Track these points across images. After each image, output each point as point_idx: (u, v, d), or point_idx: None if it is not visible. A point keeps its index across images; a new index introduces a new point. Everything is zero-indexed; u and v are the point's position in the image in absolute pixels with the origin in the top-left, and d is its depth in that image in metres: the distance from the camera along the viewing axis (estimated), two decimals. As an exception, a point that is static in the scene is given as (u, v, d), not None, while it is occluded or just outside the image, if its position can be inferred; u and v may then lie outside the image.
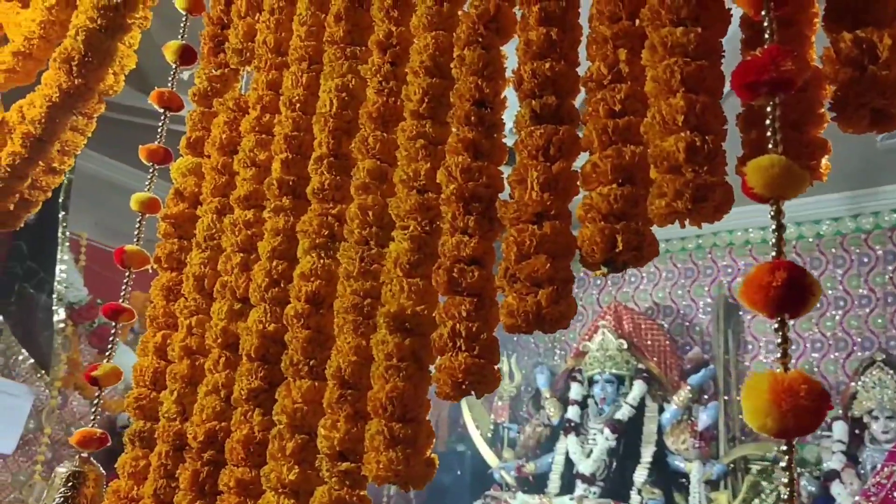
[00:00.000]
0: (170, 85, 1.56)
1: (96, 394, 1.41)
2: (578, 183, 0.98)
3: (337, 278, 1.18)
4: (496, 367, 0.98)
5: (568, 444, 6.15)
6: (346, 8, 1.30)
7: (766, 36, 0.79)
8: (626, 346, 6.00)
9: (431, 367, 1.06)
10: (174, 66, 1.57)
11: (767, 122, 0.76)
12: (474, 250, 1.01)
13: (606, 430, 6.01)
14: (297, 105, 1.31)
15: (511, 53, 1.14)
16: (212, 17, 1.57)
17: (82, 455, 1.36)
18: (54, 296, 4.93)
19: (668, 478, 5.64)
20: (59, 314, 5.01)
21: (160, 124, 1.55)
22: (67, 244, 5.17)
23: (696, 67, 0.86)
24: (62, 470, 1.33)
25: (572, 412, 6.32)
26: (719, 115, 0.86)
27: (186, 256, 1.41)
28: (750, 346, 5.87)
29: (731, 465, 5.46)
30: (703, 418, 5.62)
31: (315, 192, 1.23)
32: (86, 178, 5.06)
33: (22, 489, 6.36)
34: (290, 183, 1.27)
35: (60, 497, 1.30)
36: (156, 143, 1.52)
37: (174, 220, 1.43)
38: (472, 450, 6.14)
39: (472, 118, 1.06)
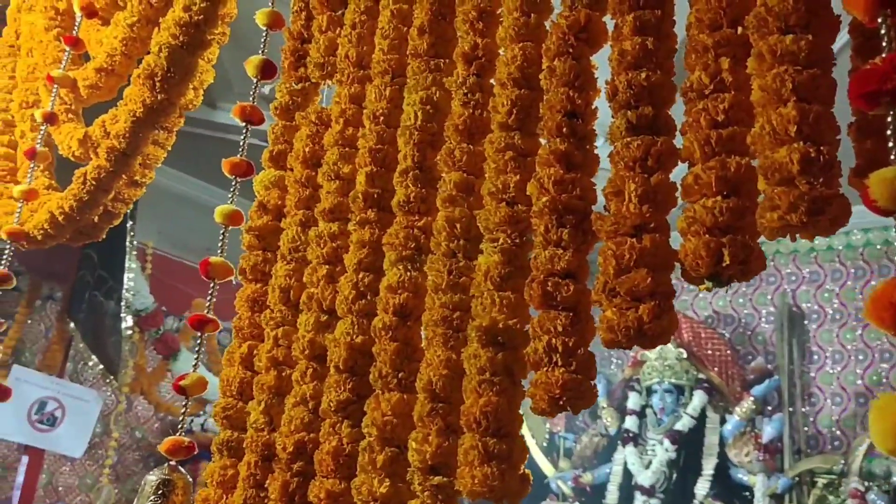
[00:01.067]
0: (251, 99, 1.58)
1: (184, 403, 1.43)
2: (676, 194, 0.96)
3: (424, 290, 1.18)
4: (593, 382, 0.96)
5: (626, 454, 6.06)
6: (430, 21, 1.30)
7: (885, 44, 0.76)
8: (685, 356, 5.89)
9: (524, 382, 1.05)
10: (255, 80, 1.59)
11: (889, 132, 0.73)
12: (569, 263, 0.99)
13: (666, 441, 5.90)
14: (381, 118, 1.31)
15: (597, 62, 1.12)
16: (292, 32, 1.59)
17: (171, 463, 1.38)
18: (122, 303, 5.05)
19: (730, 491, 5.51)
20: (127, 321, 5.13)
21: (241, 137, 1.57)
22: (135, 253, 5.30)
23: (808, 76, 0.83)
24: (152, 478, 1.35)
25: (630, 422, 6.23)
26: (833, 125, 0.83)
27: (270, 268, 1.42)
28: (816, 357, 5.70)
29: (797, 479, 5.30)
30: (768, 430, 5.48)
31: (401, 205, 1.22)
32: (149, 188, 5.19)
33: (89, 492, 6.53)
34: (375, 196, 1.28)
35: (153, 502, 1.32)
36: (238, 156, 1.54)
37: (258, 233, 1.44)
38: (528, 459, 6.10)
39: (564, 129, 1.05)
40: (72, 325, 5.01)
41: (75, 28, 2.15)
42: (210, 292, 1.49)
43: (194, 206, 5.67)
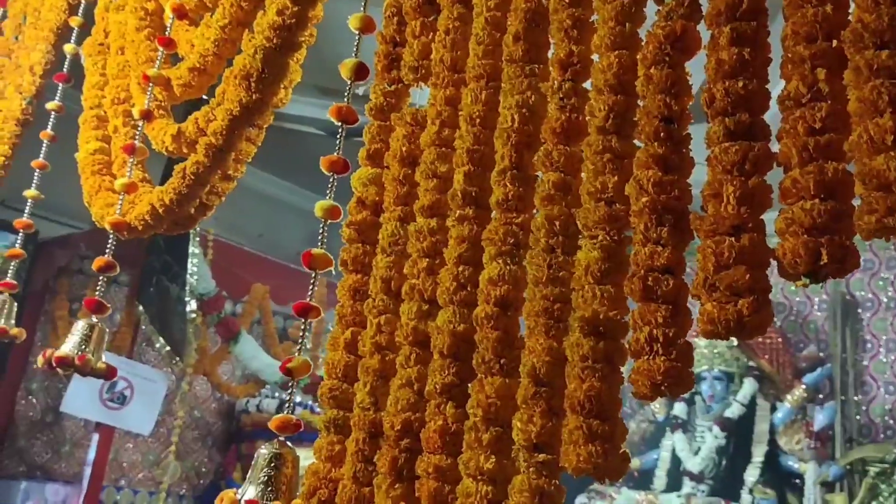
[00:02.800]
0: (346, 100, 1.68)
1: (290, 383, 1.53)
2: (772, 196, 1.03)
3: (522, 283, 1.27)
4: (690, 370, 1.04)
5: (675, 441, 6.10)
6: (524, 28, 1.38)
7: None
8: (735, 343, 5.90)
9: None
10: (349, 81, 1.68)
11: None
12: (668, 260, 1.07)
13: (716, 428, 5.93)
14: (478, 120, 1.39)
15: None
16: (385, 36, 1.68)
17: (280, 439, 1.49)
18: (187, 288, 5.24)
19: (780, 478, 5.53)
20: (191, 305, 5.33)
21: (337, 137, 1.66)
22: (197, 239, 5.49)
23: (905, 89, 0.89)
24: (264, 452, 1.46)
25: (679, 409, 6.26)
26: (928, 135, 0.89)
27: (369, 260, 1.52)
28: (869, 345, 5.67)
29: (849, 467, 5.30)
30: (820, 418, 5.48)
31: (499, 203, 1.31)
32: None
33: (151, 468, 6.78)
34: (473, 194, 1.36)
35: (264, 476, 1.43)
36: (335, 154, 1.64)
37: (357, 227, 1.54)
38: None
39: (662, 134, 1.12)
40: (140, 308, 5.23)
41: (167, 29, 2.27)
42: (312, 283, 1.59)
43: (248, 193, 5.82)
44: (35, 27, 3.27)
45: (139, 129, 2.17)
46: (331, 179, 1.65)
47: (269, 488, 1.43)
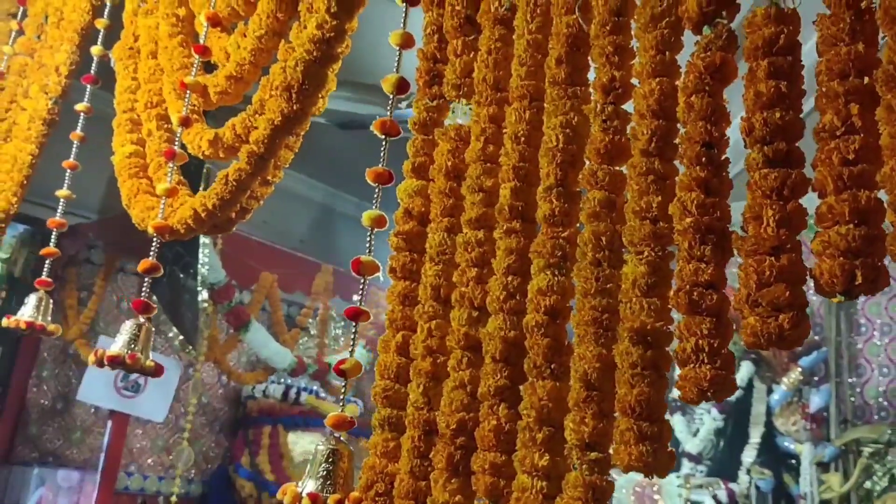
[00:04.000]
0: (388, 114, 1.76)
1: (343, 385, 1.63)
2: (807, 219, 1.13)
3: (569, 293, 1.36)
4: (733, 377, 1.14)
5: (674, 422, 6.24)
6: (567, 53, 1.47)
7: None
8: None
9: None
10: (391, 96, 1.76)
11: None
12: (711, 276, 1.17)
13: (714, 411, 6.07)
14: (522, 138, 1.48)
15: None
16: (425, 53, 1.76)
17: (335, 435, 1.58)
18: (199, 278, 5.32)
19: (777, 459, 5.68)
20: (203, 294, 5.41)
21: (381, 149, 1.74)
22: (208, 229, 5.54)
23: (934, 128, 0.99)
24: (322, 448, 1.55)
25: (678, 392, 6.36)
26: (954, 169, 0.99)
27: (417, 267, 1.61)
28: (863, 329, 5.81)
29: (843, 448, 5.45)
30: (815, 400, 5.63)
31: (546, 218, 1.40)
32: (217, 167, 5.42)
33: (160, 453, 6.89)
34: (519, 208, 1.46)
35: (323, 471, 1.53)
36: (380, 166, 1.72)
37: (405, 236, 1.63)
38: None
39: (703, 159, 1.22)
40: (154, 298, 5.31)
41: (202, 36, 2.34)
42: (361, 289, 1.67)
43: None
44: (57, 27, 3.32)
45: (177, 134, 2.25)
46: (377, 190, 1.73)
47: (329, 482, 1.53)
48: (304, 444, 6.83)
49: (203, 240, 5.45)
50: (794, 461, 5.68)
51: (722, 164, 1.23)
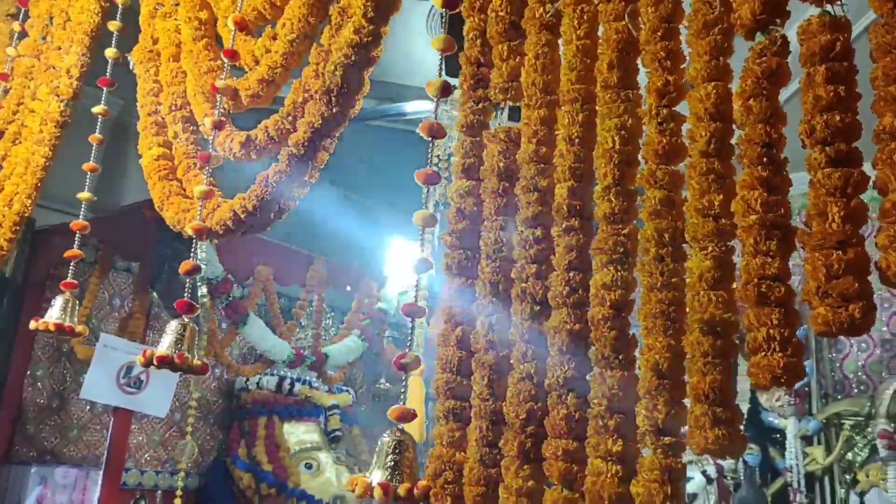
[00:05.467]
0: (434, 117, 1.79)
1: (403, 378, 1.67)
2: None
3: (632, 287, 1.42)
4: (803, 363, 1.21)
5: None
6: (618, 58, 1.52)
7: None
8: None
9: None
10: (435, 99, 1.80)
11: None
12: (778, 269, 1.23)
13: (700, 389, 6.16)
14: (577, 140, 1.54)
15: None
16: (469, 58, 1.80)
17: (398, 427, 1.63)
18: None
19: (763, 433, 5.82)
20: (202, 290, 5.39)
21: (429, 151, 1.78)
22: (204, 225, 5.51)
23: None
24: (387, 439, 1.60)
25: (665, 372, 6.48)
26: None
27: (471, 264, 1.66)
28: (841, 308, 5.95)
29: (825, 421, 5.61)
30: (798, 377, 5.76)
31: (606, 216, 1.46)
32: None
33: (156, 448, 6.87)
34: (577, 207, 1.51)
35: (391, 461, 1.57)
36: (427, 167, 1.76)
37: (459, 235, 1.68)
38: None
39: (764, 159, 1.28)
40: (154, 294, 5.28)
41: (230, 40, 2.34)
42: (416, 285, 1.71)
43: (244, 174, 5.86)
44: (63, 28, 3.29)
45: (211, 137, 2.26)
46: (426, 191, 1.78)
47: (396, 472, 1.58)
48: (298, 434, 6.84)
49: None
50: (778, 435, 5.82)
51: (781, 164, 1.29)
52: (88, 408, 6.37)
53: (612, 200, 1.45)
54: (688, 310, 1.32)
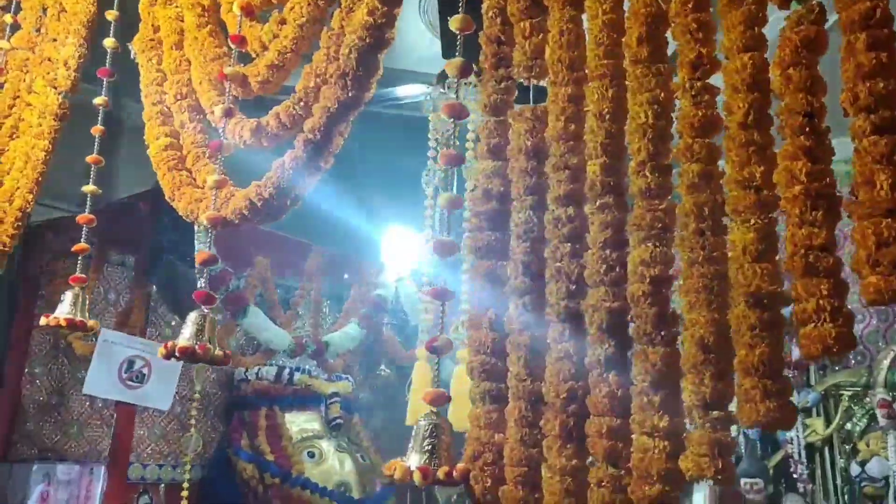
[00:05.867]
0: (456, 97, 1.76)
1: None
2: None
3: (671, 263, 1.41)
4: (853, 333, 1.20)
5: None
6: (647, 32, 1.49)
7: None
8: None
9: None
10: (455, 79, 1.77)
11: None
12: (825, 239, 1.22)
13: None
14: (608, 116, 1.51)
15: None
16: (489, 36, 1.76)
17: (433, 410, 1.60)
18: (197, 266, 5.23)
19: (763, 406, 5.83)
20: (200, 282, 5.34)
21: (451, 132, 1.75)
22: (200, 216, 5.45)
23: None
24: (424, 423, 1.58)
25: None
26: None
27: (500, 246, 1.64)
28: (837, 280, 5.98)
29: (824, 393, 5.64)
30: (796, 350, 5.80)
31: (642, 192, 1.44)
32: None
33: (157, 442, 6.82)
34: (611, 183, 1.49)
35: (428, 445, 1.55)
36: (449, 148, 1.73)
37: (486, 216, 1.65)
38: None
39: (806, 128, 1.26)
40: (154, 287, 5.22)
41: (237, 26, 2.29)
42: (445, 268, 1.70)
43: (234, 167, 5.81)
44: (57, 19, 3.22)
45: (222, 125, 2.21)
46: (449, 172, 1.75)
47: (434, 455, 1.56)
48: (300, 423, 6.81)
49: (197, 226, 5.37)
50: (777, 407, 5.82)
51: (824, 133, 1.28)
52: (88, 403, 6.31)
53: (648, 176, 1.43)
54: (732, 283, 1.30)
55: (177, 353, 2.00)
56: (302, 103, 2.14)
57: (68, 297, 2.66)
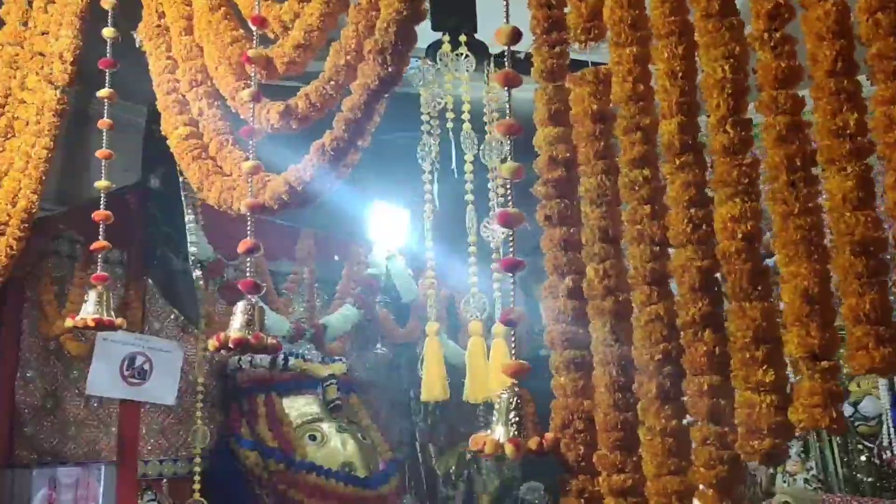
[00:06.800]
0: (507, 65, 1.69)
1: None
2: None
3: (760, 217, 1.38)
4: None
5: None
6: (717, -15, 1.45)
7: None
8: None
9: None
10: (507, 47, 1.70)
11: None
12: (929, 183, 1.20)
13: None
14: (680, 74, 1.47)
15: None
16: (539, 1, 1.71)
17: (514, 383, 1.56)
18: (192, 257, 5.12)
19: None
20: (196, 273, 5.21)
21: (506, 101, 1.69)
22: (191, 206, 5.32)
23: None
24: (506, 396, 1.54)
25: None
26: None
27: (572, 213, 1.60)
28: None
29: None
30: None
31: (725, 148, 1.41)
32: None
33: (156, 437, 6.69)
34: (689, 142, 1.45)
35: (514, 417, 1.51)
36: (508, 118, 1.67)
37: (555, 183, 1.61)
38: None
39: (900, 73, 1.24)
40: (150, 282, 5.09)
41: (255, 7, 2.19)
42: (510, 240, 1.63)
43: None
44: (45, 11, 3.06)
45: (252, 109, 2.12)
46: (509, 141, 1.69)
47: (522, 427, 1.52)
48: (299, 408, 6.73)
49: (188, 218, 5.24)
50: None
51: (917, 77, 1.25)
52: (84, 404, 6.16)
53: (730, 131, 1.40)
54: (833, 232, 1.28)
55: (231, 345, 1.93)
56: (332, 82, 2.06)
57: (92, 296, 2.56)
